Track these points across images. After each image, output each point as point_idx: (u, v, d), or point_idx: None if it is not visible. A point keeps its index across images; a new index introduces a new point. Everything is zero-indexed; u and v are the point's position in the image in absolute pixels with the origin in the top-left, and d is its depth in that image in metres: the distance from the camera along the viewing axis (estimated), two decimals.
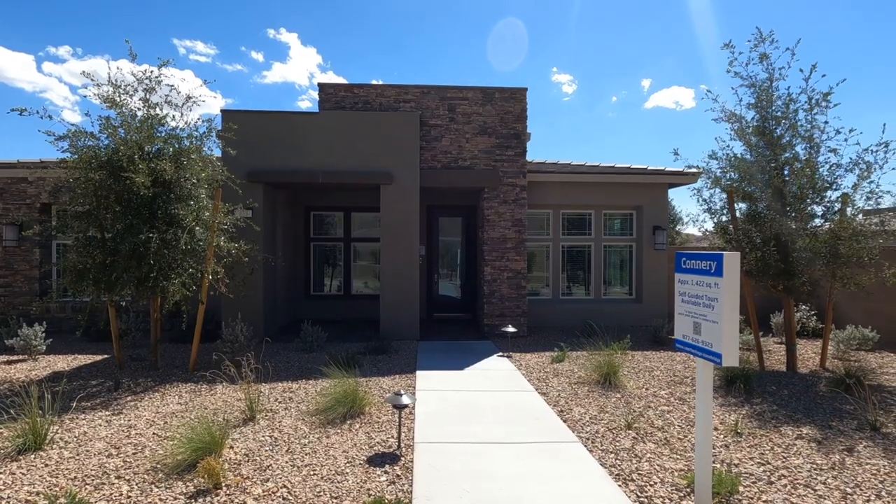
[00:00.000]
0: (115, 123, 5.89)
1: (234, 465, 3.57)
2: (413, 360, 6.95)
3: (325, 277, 11.24)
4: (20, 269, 9.34)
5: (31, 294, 9.32)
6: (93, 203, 5.83)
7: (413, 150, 8.43)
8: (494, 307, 8.86)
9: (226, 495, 3.15)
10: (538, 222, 10.37)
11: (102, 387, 5.57)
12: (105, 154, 5.71)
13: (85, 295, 6.19)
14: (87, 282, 5.78)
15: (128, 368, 6.38)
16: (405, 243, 8.43)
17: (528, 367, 6.57)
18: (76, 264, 5.82)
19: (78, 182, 5.83)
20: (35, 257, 9.33)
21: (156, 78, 6.08)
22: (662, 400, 5.22)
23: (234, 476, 3.39)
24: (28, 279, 9.35)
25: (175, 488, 3.22)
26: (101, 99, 5.84)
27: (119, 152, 5.64)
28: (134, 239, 5.54)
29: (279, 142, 8.23)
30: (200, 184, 6.16)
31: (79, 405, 4.83)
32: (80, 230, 5.98)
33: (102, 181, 5.75)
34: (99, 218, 5.81)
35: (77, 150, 5.76)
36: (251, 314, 7.79)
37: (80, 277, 5.80)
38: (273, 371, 5.94)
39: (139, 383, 5.72)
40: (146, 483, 3.29)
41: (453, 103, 8.77)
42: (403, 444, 3.96)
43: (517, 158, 8.84)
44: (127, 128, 5.84)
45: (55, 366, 6.60)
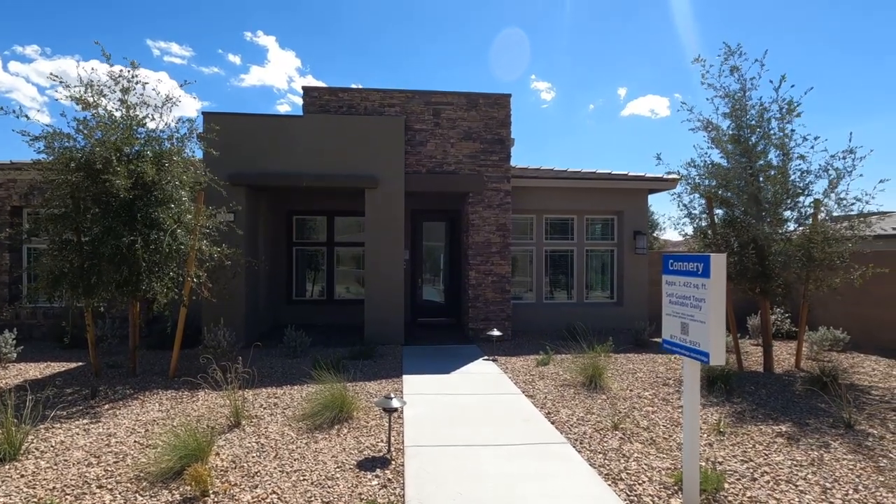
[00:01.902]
0: (91, 124, 5.74)
1: (221, 472, 3.50)
2: (399, 364, 6.92)
3: (308, 282, 11.12)
4: None
5: (0, 300, 8.97)
6: (69, 205, 5.66)
7: (398, 155, 8.44)
8: (479, 311, 8.89)
9: (214, 503, 3.08)
10: (522, 227, 10.47)
11: (78, 395, 5.40)
12: (82, 155, 5.56)
13: (61, 300, 5.99)
14: (63, 286, 5.60)
15: (105, 376, 6.19)
16: (389, 248, 8.41)
17: (514, 371, 6.61)
18: (52, 269, 5.64)
19: (54, 184, 5.66)
20: (5, 262, 9.00)
21: (131, 78, 5.93)
22: (647, 401, 5.31)
23: (222, 483, 3.32)
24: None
25: (161, 497, 3.14)
26: (71, 99, 5.65)
27: (96, 154, 5.50)
28: (116, 242, 5.39)
29: (262, 145, 8.14)
30: (182, 186, 6.04)
31: (55, 414, 4.66)
32: (56, 233, 5.79)
33: (79, 183, 5.59)
34: (76, 221, 5.64)
35: (53, 151, 5.60)
36: (233, 319, 7.65)
37: (55, 282, 5.61)
38: (257, 377, 5.83)
39: (117, 391, 5.56)
40: (130, 492, 3.19)
41: (438, 108, 8.81)
42: (393, 448, 3.94)
43: (501, 163, 8.92)
44: (104, 129, 5.69)
45: (27, 374, 6.37)
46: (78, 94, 5.65)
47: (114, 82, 5.87)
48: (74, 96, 5.64)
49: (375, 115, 8.65)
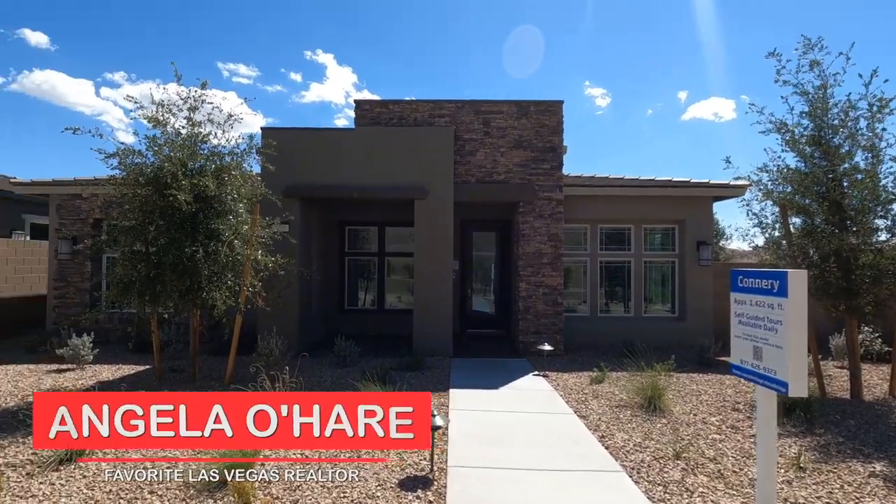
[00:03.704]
0: (160, 142, 6.10)
1: (264, 483, 3.51)
2: (446, 377, 6.80)
3: (360, 292, 11.28)
4: (73, 281, 9.79)
5: (82, 305, 9.74)
6: (139, 218, 6.02)
7: (447, 165, 8.40)
8: (530, 324, 8.62)
9: None
10: (575, 237, 10.10)
11: None
12: (151, 171, 5.91)
13: (131, 307, 6.38)
14: (132, 294, 5.95)
15: (167, 379, 6.51)
16: (439, 258, 8.35)
17: (566, 388, 6.31)
18: (122, 277, 6.01)
19: (126, 198, 6.06)
20: (86, 270, 9.78)
21: (199, 97, 6.28)
22: (713, 428, 4.87)
23: (265, 496, 3.33)
24: (80, 291, 9.78)
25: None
26: (146, 119, 6.07)
27: (164, 169, 5.83)
28: (178, 252, 5.68)
29: (316, 158, 8.36)
30: (240, 199, 6.28)
31: None
32: (127, 244, 6.18)
33: (148, 197, 5.94)
34: (144, 232, 5.99)
35: (125, 167, 5.99)
36: (286, 328, 7.84)
37: (126, 290, 5.98)
38: (306, 386, 5.89)
39: None
40: (177, 499, 3.26)
41: (488, 117, 8.71)
42: (437, 468, 3.81)
43: (553, 172, 8.66)
44: (171, 145, 6.04)
45: (100, 375, 6.81)
46: (150, 113, 6.05)
47: (183, 101, 6.23)
48: (147, 115, 6.04)
49: (425, 126, 8.68)
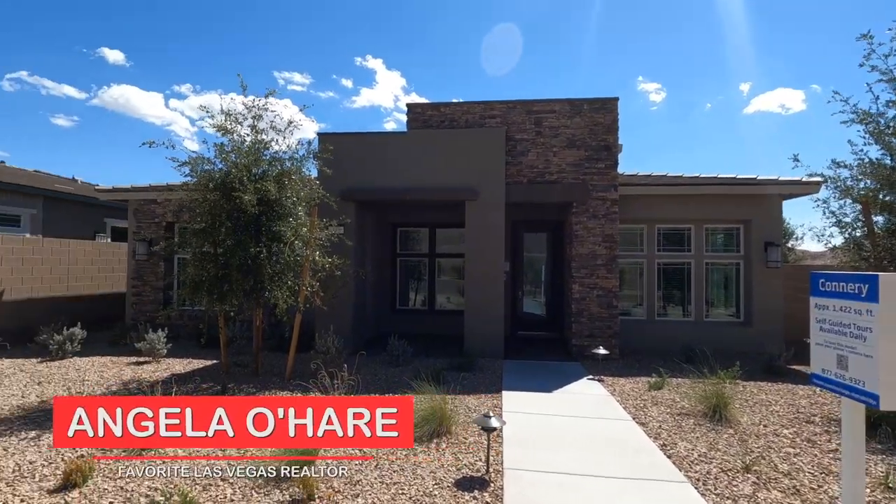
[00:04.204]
0: (227, 149, 6.47)
1: (325, 477, 3.64)
2: (498, 379, 6.78)
3: (410, 292, 11.45)
4: (148, 280, 10.54)
5: (156, 302, 10.47)
6: (208, 221, 6.40)
7: (498, 166, 8.38)
8: (583, 327, 8.43)
9: None
10: (630, 238, 9.78)
11: (211, 390, 6.03)
12: (219, 177, 6.27)
13: (200, 305, 6.79)
14: (202, 293, 6.34)
15: (232, 374, 6.87)
16: (489, 259, 8.34)
17: (623, 394, 6.12)
18: (193, 277, 6.42)
19: (196, 202, 6.47)
20: (160, 270, 10.50)
21: (262, 106, 6.61)
22: (786, 440, 4.57)
23: (326, 489, 3.45)
24: (154, 289, 10.52)
25: (272, 496, 3.34)
26: (215, 128, 6.46)
27: (231, 175, 6.18)
28: (243, 253, 6.00)
29: (369, 161, 8.57)
30: (299, 202, 6.55)
31: None
32: (197, 246, 6.59)
33: (216, 201, 6.31)
34: (213, 234, 6.36)
35: (196, 174, 6.39)
36: (342, 327, 8.08)
37: (196, 289, 6.38)
38: (361, 384, 6.05)
39: (242, 389, 6.12)
40: (247, 488, 3.44)
41: (540, 117, 8.60)
42: (492, 469, 3.80)
43: (608, 171, 8.43)
44: (237, 152, 6.39)
45: (173, 368, 7.29)
46: (219, 122, 6.43)
47: (247, 110, 6.58)
48: (216, 125, 6.43)
49: (476, 128, 8.69)
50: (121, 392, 5.87)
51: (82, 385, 6.20)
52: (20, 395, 5.72)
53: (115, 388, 6.07)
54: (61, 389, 5.96)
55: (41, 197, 13.27)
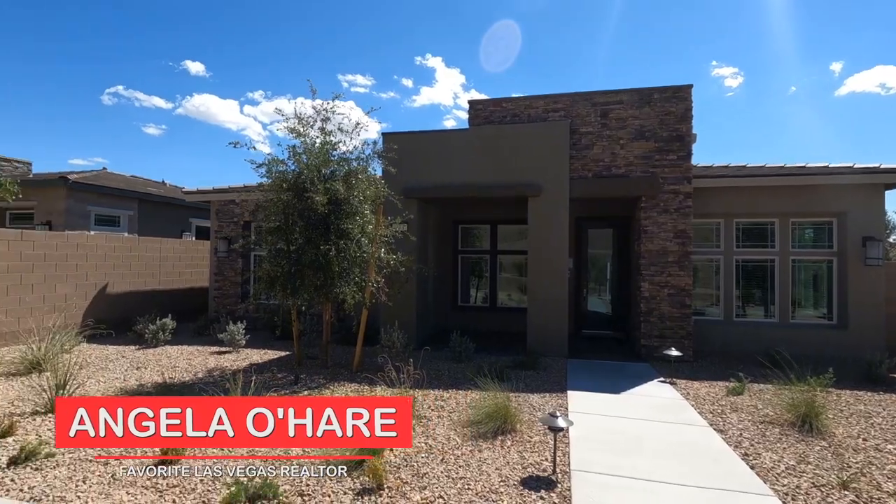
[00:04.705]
0: (298, 151, 6.79)
1: (393, 467, 3.74)
2: (563, 378, 6.64)
3: (471, 289, 11.48)
4: (228, 276, 11.32)
5: (235, 296, 11.22)
6: (282, 220, 6.76)
7: (562, 160, 8.18)
8: (653, 327, 8.06)
9: (388, 497, 3.29)
10: (705, 233, 9.22)
11: (286, 380, 6.38)
12: (292, 177, 6.60)
13: (275, 299, 7.20)
14: (277, 287, 6.72)
15: (304, 365, 7.22)
16: (553, 256, 8.18)
17: (698, 398, 5.80)
18: (269, 272, 6.81)
19: (271, 202, 6.84)
20: (238, 266, 11.24)
21: (331, 109, 6.88)
22: (891, 456, 4.13)
23: (395, 479, 3.55)
24: (233, 284, 11.28)
25: (344, 483, 3.48)
26: (287, 131, 6.79)
27: (302, 175, 6.49)
28: (314, 250, 6.29)
29: (431, 159, 8.67)
30: (365, 201, 6.76)
31: (269, 394, 5.56)
32: (272, 243, 6.98)
33: (289, 201, 6.65)
34: (286, 232, 6.71)
35: (271, 175, 6.76)
36: (405, 322, 8.25)
37: (271, 284, 6.76)
38: (426, 378, 6.16)
39: (313, 379, 6.42)
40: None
41: (606, 108, 8.30)
42: (559, 470, 3.74)
43: (680, 163, 7.99)
44: (308, 154, 6.69)
45: (251, 358, 7.79)
46: (291, 126, 6.76)
47: (316, 113, 6.88)
48: (289, 127, 6.76)
49: (539, 122, 8.54)
50: (206, 379, 6.36)
51: (174, 371, 6.78)
52: (122, 379, 6.35)
53: (202, 375, 6.58)
54: (156, 375, 6.55)
55: (136, 199, 14.61)
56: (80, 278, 9.61)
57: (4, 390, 5.68)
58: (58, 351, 6.78)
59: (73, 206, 12.81)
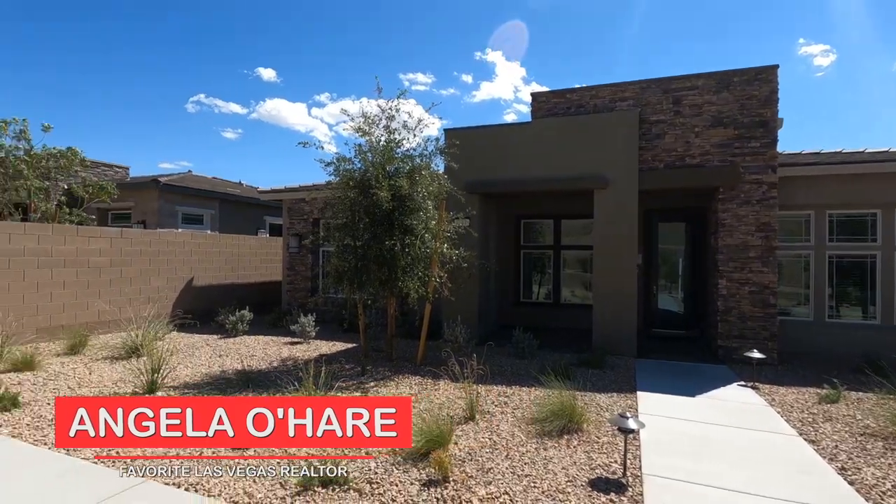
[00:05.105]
0: (364, 149, 6.99)
1: (458, 461, 3.77)
2: (631, 378, 6.38)
3: (534, 285, 11.30)
4: (299, 271, 11.91)
5: (305, 290, 11.79)
6: (348, 217, 6.99)
7: (630, 151, 7.83)
8: (731, 326, 7.54)
9: (453, 489, 3.32)
10: (791, 226, 8.48)
11: (353, 371, 6.61)
12: (358, 175, 6.81)
13: (342, 293, 7.47)
14: (344, 282, 6.97)
15: (370, 357, 7.44)
16: (620, 251, 7.86)
17: (785, 404, 5.35)
18: (336, 267, 7.08)
19: (338, 200, 7.10)
20: (308, 261, 11.78)
21: (395, 107, 7.01)
22: None
23: (460, 472, 3.57)
24: (304, 278, 11.85)
25: (411, 473, 3.55)
26: (354, 130, 6.99)
27: (368, 173, 6.68)
28: (379, 246, 6.47)
29: (493, 153, 8.61)
30: (428, 196, 6.84)
31: (338, 385, 5.77)
32: (339, 239, 7.24)
33: (355, 198, 6.86)
34: (353, 229, 6.94)
35: (338, 173, 7.01)
36: (467, 317, 8.28)
37: (339, 278, 7.03)
38: (489, 374, 6.14)
39: (379, 371, 6.61)
40: (388, 464, 3.71)
41: (679, 95, 7.83)
42: (629, 473, 3.60)
43: (764, 150, 7.39)
44: (373, 152, 6.86)
45: (320, 349, 8.15)
46: (358, 125, 6.97)
47: (382, 112, 7.04)
48: (355, 127, 6.97)
49: (605, 112, 8.22)
50: (280, 368, 6.73)
51: (251, 360, 7.23)
52: (207, 366, 6.87)
53: (276, 364, 6.97)
54: (237, 363, 7.02)
55: (217, 199, 15.72)
56: (170, 272, 10.49)
57: (110, 372, 6.33)
58: (152, 338, 7.45)
59: (164, 206, 14.00)
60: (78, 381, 5.87)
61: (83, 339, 7.59)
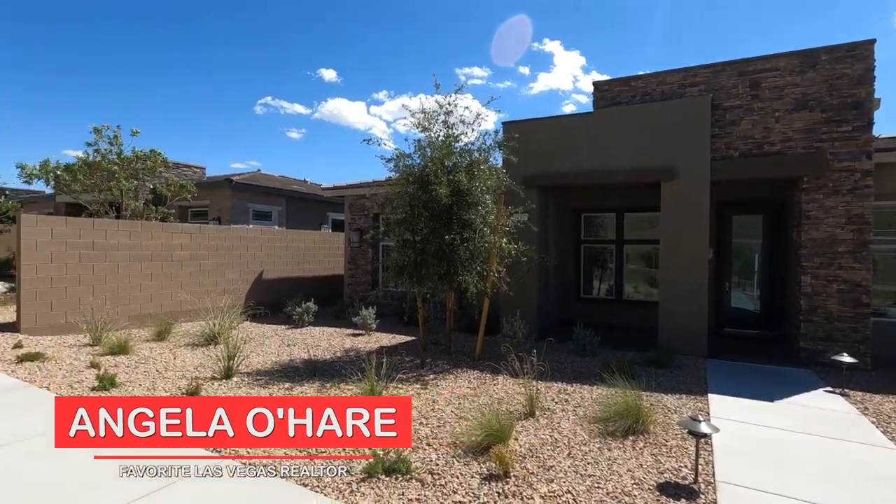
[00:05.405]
0: (423, 144, 7.06)
1: (519, 457, 3.75)
2: (701, 379, 6.06)
3: (595, 280, 10.98)
4: (360, 265, 12.27)
5: (366, 283, 12.14)
6: (408, 212, 7.11)
7: (702, 140, 7.39)
8: (817, 328, 6.95)
9: (514, 485, 3.31)
10: (889, 219, 7.67)
11: (412, 363, 6.73)
12: (417, 170, 6.90)
13: (402, 286, 7.63)
14: (404, 276, 7.11)
15: (428, 350, 7.54)
16: (689, 246, 7.45)
17: (880, 414, 4.87)
18: (396, 261, 7.23)
19: (398, 195, 7.23)
20: (369, 255, 12.12)
21: (453, 102, 7.02)
22: None
23: (521, 468, 3.55)
24: (364, 272, 12.21)
25: (472, 466, 3.57)
26: (413, 126, 7.08)
27: (427, 168, 6.75)
28: (438, 240, 6.53)
29: (553, 146, 8.42)
30: (487, 191, 6.81)
31: (398, 376, 5.92)
32: (399, 234, 7.38)
33: (414, 193, 6.96)
34: (412, 223, 7.05)
35: (398, 169, 7.13)
36: (526, 312, 8.18)
37: (399, 272, 7.17)
38: (549, 371, 6.05)
39: (438, 365, 6.69)
40: (449, 455, 3.75)
41: (757, 77, 7.28)
42: (701, 480, 3.42)
43: (856, 135, 6.72)
44: (433, 147, 6.92)
45: (381, 341, 8.36)
46: (418, 121, 7.05)
47: (440, 107, 7.08)
48: (415, 123, 7.06)
49: (674, 100, 7.80)
50: (344, 358, 6.98)
51: (316, 350, 7.55)
52: (276, 354, 7.25)
53: (340, 355, 7.24)
54: (303, 352, 7.35)
55: (284, 196, 16.50)
56: (242, 266, 11.16)
57: (191, 358, 6.84)
58: (227, 327, 7.96)
59: (237, 203, 14.89)
60: (164, 365, 6.39)
61: (168, 326, 8.25)
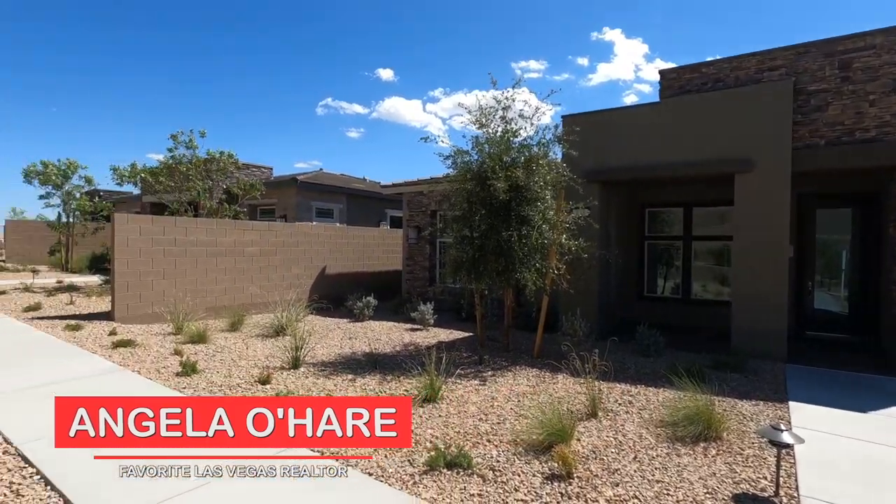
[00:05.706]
0: (481, 141, 7.03)
1: (582, 458, 3.66)
2: (780, 385, 5.64)
3: (660, 278, 10.51)
4: (418, 261, 12.46)
5: (423, 279, 12.31)
6: (465, 208, 7.11)
7: (782, 128, 6.85)
8: None
9: (578, 487, 3.25)
10: None
11: (470, 360, 6.75)
12: (475, 167, 6.89)
13: (459, 283, 7.67)
14: (462, 272, 7.13)
15: (486, 347, 7.53)
16: (767, 242, 6.95)
17: None
18: (454, 258, 7.27)
19: (456, 192, 7.26)
20: (426, 251, 12.27)
21: (510, 97, 6.94)
22: None
23: (584, 470, 3.47)
24: (422, 268, 12.38)
25: (533, 465, 3.54)
26: (471, 122, 7.06)
27: (485, 164, 6.72)
28: (496, 237, 6.50)
29: (615, 138, 8.12)
30: (546, 186, 6.69)
31: (457, 372, 5.94)
32: (457, 230, 7.41)
33: (472, 189, 6.95)
34: (470, 220, 7.05)
35: (456, 165, 7.16)
36: (586, 311, 7.95)
37: (457, 268, 7.20)
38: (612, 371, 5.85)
39: (496, 361, 6.66)
40: (509, 453, 3.74)
41: (847, 58, 6.65)
42: (783, 493, 3.19)
43: None
44: (490, 143, 6.88)
45: (438, 336, 8.45)
46: (475, 117, 7.04)
47: (497, 103, 7.02)
48: (472, 119, 7.05)
49: (750, 85, 7.28)
50: (403, 352, 7.12)
51: (377, 343, 7.76)
52: (339, 346, 7.52)
53: (399, 349, 7.39)
54: (364, 346, 7.58)
55: (345, 194, 17.06)
56: (307, 261, 11.66)
57: (262, 348, 7.24)
58: (293, 319, 8.36)
59: (301, 201, 15.57)
60: (238, 355, 6.80)
61: (240, 318, 8.78)
